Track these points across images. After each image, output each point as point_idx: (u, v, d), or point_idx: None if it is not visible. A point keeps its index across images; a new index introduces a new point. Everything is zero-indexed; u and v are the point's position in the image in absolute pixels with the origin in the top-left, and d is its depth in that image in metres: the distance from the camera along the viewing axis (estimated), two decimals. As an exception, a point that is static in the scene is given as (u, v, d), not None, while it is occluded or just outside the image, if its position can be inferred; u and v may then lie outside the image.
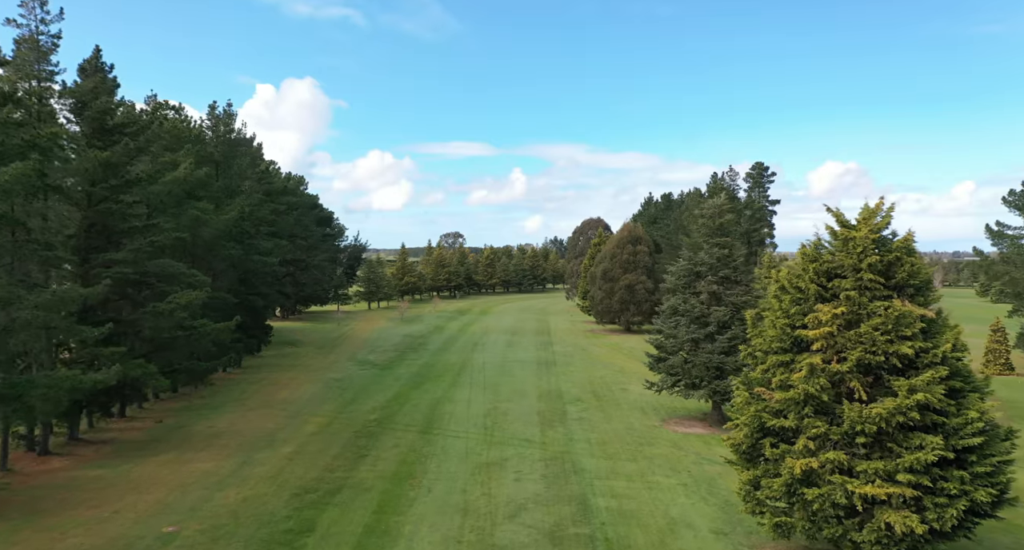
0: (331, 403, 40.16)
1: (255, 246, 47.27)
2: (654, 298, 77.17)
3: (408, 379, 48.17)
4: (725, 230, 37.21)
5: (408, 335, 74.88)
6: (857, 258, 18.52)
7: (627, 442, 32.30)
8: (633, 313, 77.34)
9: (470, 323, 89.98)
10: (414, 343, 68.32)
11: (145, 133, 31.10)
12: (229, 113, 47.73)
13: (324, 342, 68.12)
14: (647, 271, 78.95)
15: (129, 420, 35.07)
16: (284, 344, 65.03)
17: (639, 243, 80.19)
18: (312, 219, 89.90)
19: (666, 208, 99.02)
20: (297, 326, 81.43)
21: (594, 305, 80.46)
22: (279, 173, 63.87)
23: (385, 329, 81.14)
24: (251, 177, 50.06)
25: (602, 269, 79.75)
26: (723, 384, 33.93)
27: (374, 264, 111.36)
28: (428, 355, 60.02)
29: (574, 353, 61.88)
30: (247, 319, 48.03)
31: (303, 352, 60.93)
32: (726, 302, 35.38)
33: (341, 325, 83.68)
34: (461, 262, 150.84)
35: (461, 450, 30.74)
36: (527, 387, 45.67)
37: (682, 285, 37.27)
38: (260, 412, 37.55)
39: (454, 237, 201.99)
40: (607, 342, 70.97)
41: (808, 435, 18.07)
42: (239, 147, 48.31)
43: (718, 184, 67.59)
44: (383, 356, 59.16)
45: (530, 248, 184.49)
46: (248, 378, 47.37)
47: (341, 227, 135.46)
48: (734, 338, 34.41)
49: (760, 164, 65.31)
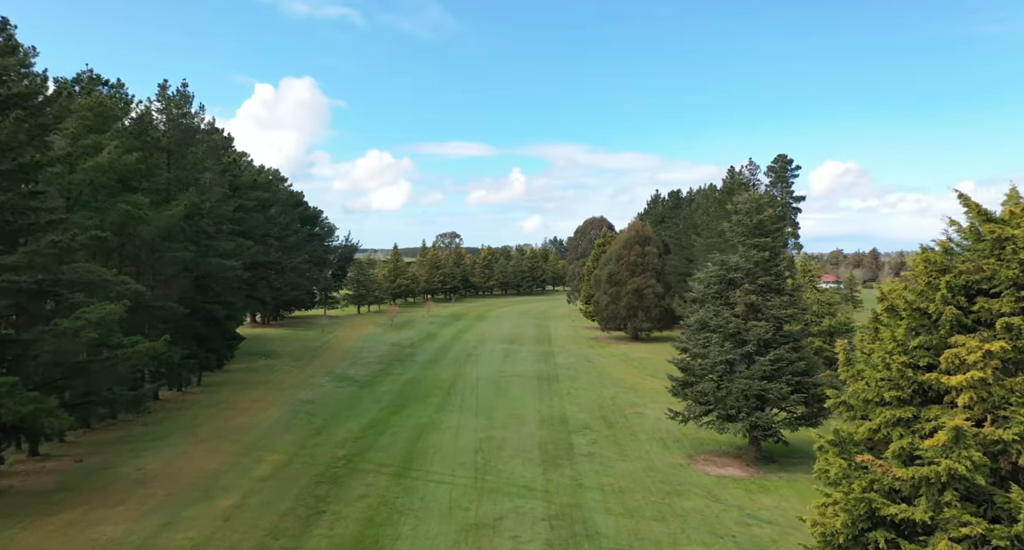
0: (295, 432, 33.98)
1: (214, 247, 41.09)
2: (664, 304, 71.27)
3: (390, 400, 42.00)
4: (764, 229, 31.11)
5: (396, 344, 68.69)
6: (1021, 267, 12.45)
7: (650, 490, 26.16)
8: (642, 320, 71.26)
9: (465, 329, 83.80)
10: (402, 353, 62.12)
11: (52, 106, 24.92)
12: (184, 94, 41.51)
13: (302, 352, 61.90)
14: (656, 274, 72.87)
15: (42, 460, 28.85)
16: (257, 355, 58.83)
17: (648, 244, 74.11)
18: (294, 217, 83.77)
19: (674, 206, 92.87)
20: (276, 333, 75.20)
21: (599, 311, 74.36)
22: (250, 166, 57.68)
23: (372, 336, 74.93)
24: (212, 169, 43.86)
25: (607, 272, 73.66)
26: (765, 416, 27.84)
27: (364, 265, 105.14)
28: (416, 369, 53.84)
29: (578, 366, 55.73)
30: (205, 331, 41.88)
31: (277, 365, 54.71)
32: (767, 316, 29.29)
33: (325, 332, 77.48)
34: (457, 263, 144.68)
35: (444, 502, 24.59)
36: (526, 410, 39.54)
37: (712, 294, 31.15)
38: (208, 445, 31.36)
39: (450, 237, 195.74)
40: (614, 352, 64.84)
41: (952, 535, 11.99)
42: (195, 134, 42.11)
43: (736, 179, 61.58)
44: (365, 370, 52.97)
45: (529, 249, 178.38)
46: (205, 399, 41.17)
47: (331, 226, 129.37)
48: (778, 360, 28.33)
49: (783, 157, 59.35)
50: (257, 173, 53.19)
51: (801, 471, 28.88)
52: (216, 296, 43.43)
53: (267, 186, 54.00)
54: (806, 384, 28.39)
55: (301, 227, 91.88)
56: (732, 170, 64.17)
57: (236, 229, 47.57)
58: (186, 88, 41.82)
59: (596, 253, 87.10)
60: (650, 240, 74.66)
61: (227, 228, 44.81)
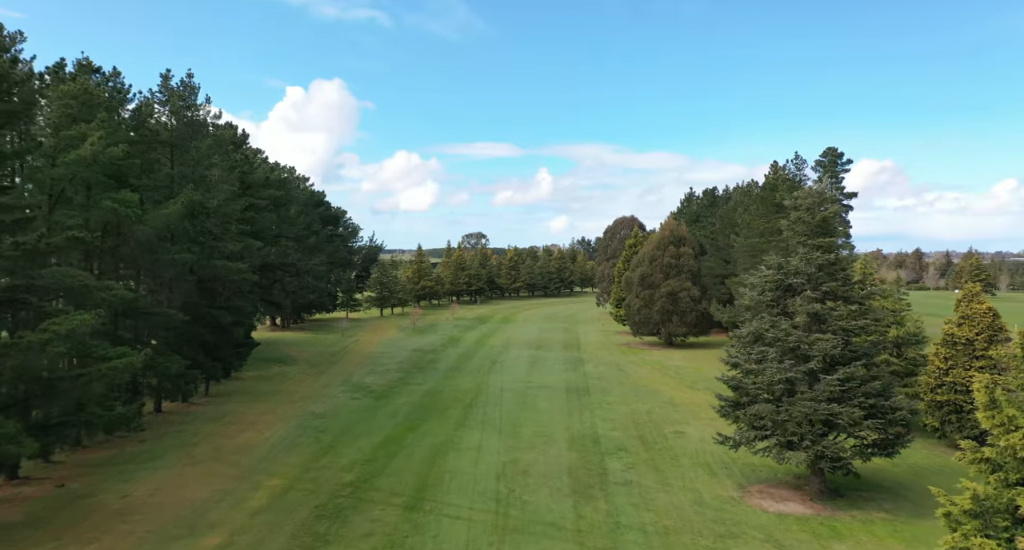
0: (300, 453, 30.94)
1: (220, 248, 38.36)
2: (700, 308, 67.10)
3: (406, 414, 38.82)
4: (828, 227, 27.12)
5: (418, 349, 65.65)
6: None
7: (700, 531, 22.47)
8: (676, 325, 67.15)
9: (490, 334, 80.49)
10: (423, 360, 59.02)
11: (22, 89, 22.17)
12: (189, 85, 38.89)
13: (319, 358, 59.17)
14: (692, 276, 68.69)
15: (20, 484, 26.20)
16: (272, 361, 56.24)
17: (683, 244, 69.96)
18: (314, 218, 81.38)
19: (710, 205, 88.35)
20: (295, 338, 72.74)
21: (630, 315, 70.42)
22: (264, 163, 55.07)
23: (393, 341, 72.03)
24: (219, 165, 41.20)
25: (640, 274, 69.70)
26: (833, 445, 23.92)
27: (387, 267, 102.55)
28: (436, 377, 50.64)
29: (610, 376, 51.97)
30: (211, 338, 39.20)
31: (291, 373, 51.99)
32: (833, 327, 25.34)
33: (345, 336, 74.84)
34: (483, 264, 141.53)
35: (460, 544, 21.23)
36: (554, 428, 36.01)
37: (767, 302, 27.28)
38: (203, 468, 28.46)
39: (476, 238, 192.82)
40: (647, 360, 60.90)
41: None
42: (201, 129, 39.46)
43: (780, 174, 57.19)
44: (383, 379, 49.93)
45: (556, 249, 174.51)
46: (210, 412, 38.46)
47: (355, 227, 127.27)
48: (848, 379, 24.39)
49: (832, 150, 54.79)
50: (270, 170, 50.53)
51: (875, 508, 24.90)
52: (224, 301, 40.76)
53: (281, 184, 51.32)
54: (882, 407, 24.40)
55: (322, 228, 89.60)
56: (776, 165, 59.75)
57: (246, 229, 44.89)
58: (191, 79, 39.19)
59: (627, 254, 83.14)
60: (685, 240, 70.51)
61: (236, 228, 42.12)
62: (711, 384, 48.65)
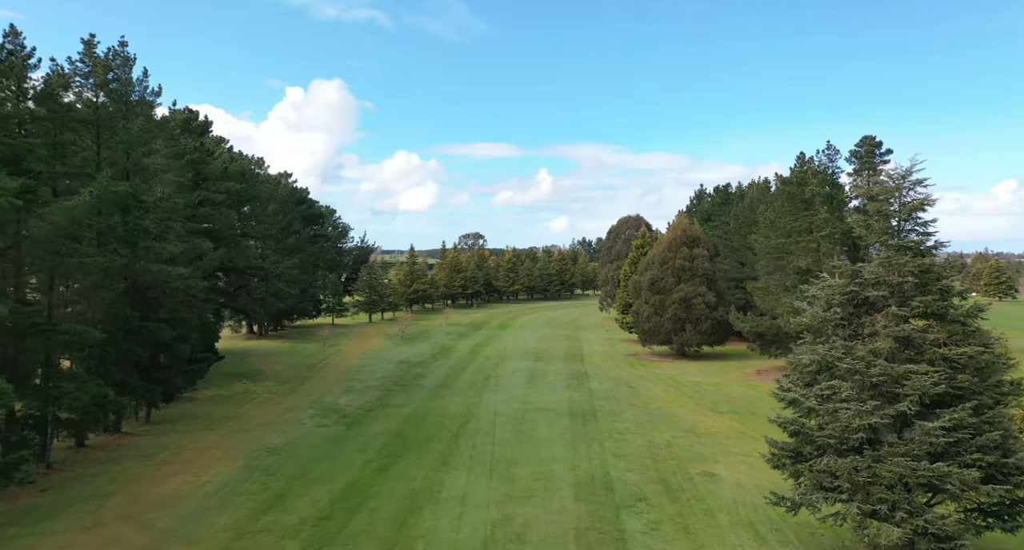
0: (238, 508, 24.60)
1: (158, 250, 32.03)
2: (716, 315, 60.83)
3: (380, 448, 32.50)
4: (920, 225, 20.73)
5: (404, 361, 59.32)
6: None
7: (763, 646, 16.13)
8: (690, 334, 60.87)
9: (485, 342, 74.16)
10: (408, 375, 52.68)
11: None
12: (123, 56, 32.58)
13: (292, 373, 52.81)
14: (707, 280, 62.42)
15: None
16: (238, 377, 49.89)
17: (696, 245, 63.69)
18: (295, 216, 75.08)
19: (722, 203, 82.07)
20: (271, 347, 66.39)
21: (639, 323, 64.12)
22: (225, 153, 48.55)
23: (378, 351, 65.70)
24: (162, 152, 34.87)
25: (649, 278, 63.42)
26: (939, 520, 17.59)
27: (376, 269, 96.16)
28: (421, 397, 44.31)
29: (619, 394, 45.65)
30: (146, 357, 32.87)
31: (255, 391, 45.65)
32: (929, 356, 19.04)
33: (326, 345, 68.49)
34: (479, 266, 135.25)
35: None
36: (557, 467, 29.68)
37: (836, 321, 20.91)
38: (104, 534, 22.12)
39: (474, 238, 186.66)
40: (659, 374, 54.57)
41: None
42: (139, 107, 33.13)
43: (809, 167, 50.94)
44: (359, 399, 43.58)
45: (557, 251, 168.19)
46: (144, 446, 32.11)
47: (345, 227, 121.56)
48: (958, 427, 18.08)
49: (870, 139, 48.48)
50: (230, 160, 44.17)
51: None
52: (170, 311, 34.44)
53: (244, 177, 45.01)
54: (1006, 467, 18.08)
55: (304, 227, 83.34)
56: (802, 157, 53.47)
57: (197, 228, 38.58)
58: (124, 48, 32.87)
59: (634, 256, 76.86)
60: (699, 241, 64.24)
61: (183, 227, 35.77)
62: (735, 405, 42.43)
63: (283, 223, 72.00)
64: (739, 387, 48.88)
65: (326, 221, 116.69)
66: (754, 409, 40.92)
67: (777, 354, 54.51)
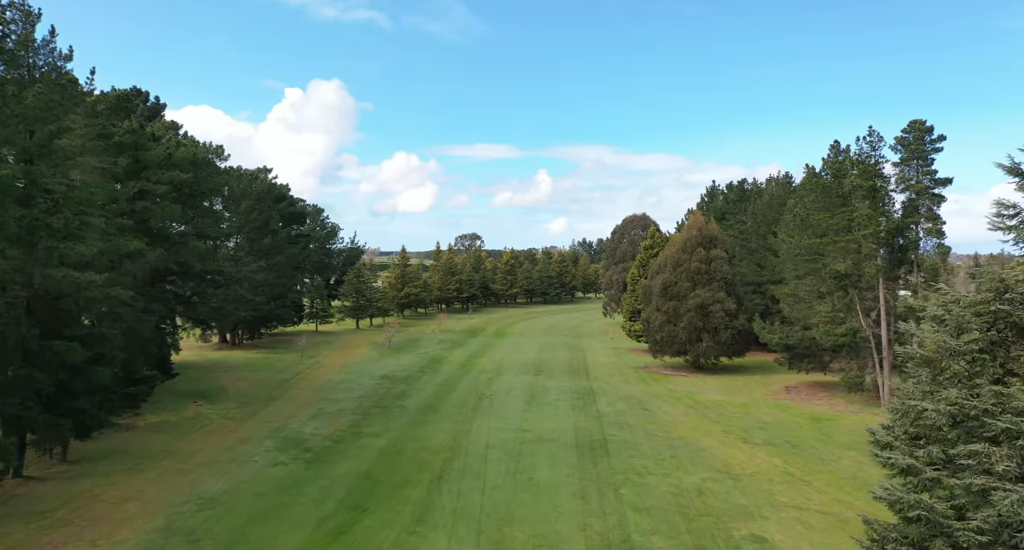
0: (133, 599, 18.21)
1: (62, 251, 25.62)
2: (736, 324, 54.52)
3: (343, 496, 26.11)
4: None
5: (388, 376, 52.90)
6: None
7: None
8: (708, 344, 54.52)
9: (479, 352, 67.80)
10: (390, 393, 46.29)
11: None
12: (24, 10, 26.25)
13: (258, 391, 46.37)
14: (726, 285, 56.10)
15: None
16: (194, 396, 43.47)
17: (714, 245, 57.40)
18: (272, 214, 68.66)
19: (738, 200, 75.70)
20: (242, 359, 59.97)
21: (650, 332, 57.77)
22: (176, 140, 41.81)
23: (361, 363, 59.29)
24: (81, 133, 28.48)
25: (661, 282, 57.08)
26: None
27: (363, 271, 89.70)
28: (402, 423, 37.94)
29: (633, 419, 39.28)
30: (50, 385, 26.44)
31: (209, 416, 39.22)
32: (1126, 408, 12.67)
33: (304, 357, 62.08)
34: (476, 268, 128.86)
35: None
36: (562, 527, 23.29)
37: (973, 354, 14.49)
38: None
39: (471, 239, 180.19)
40: (675, 392, 48.20)
41: None
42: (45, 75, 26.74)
43: (848, 158, 44.53)
44: (329, 426, 37.18)
45: (557, 252, 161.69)
46: (46, 495, 25.69)
47: (334, 227, 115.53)
48: None
49: (919, 123, 42.17)
50: (175, 146, 37.50)
51: None
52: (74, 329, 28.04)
53: (193, 166, 38.18)
54: None
55: (283, 226, 76.95)
56: (837, 147, 47.06)
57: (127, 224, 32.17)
58: (24, 3, 26.48)
59: (642, 258, 70.58)
60: (717, 241, 57.92)
61: (103, 222, 29.36)
62: (771, 433, 36.08)
63: (258, 222, 65.66)
64: (769, 409, 42.53)
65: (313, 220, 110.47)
66: (795, 440, 34.58)
67: (809, 369, 48.17)
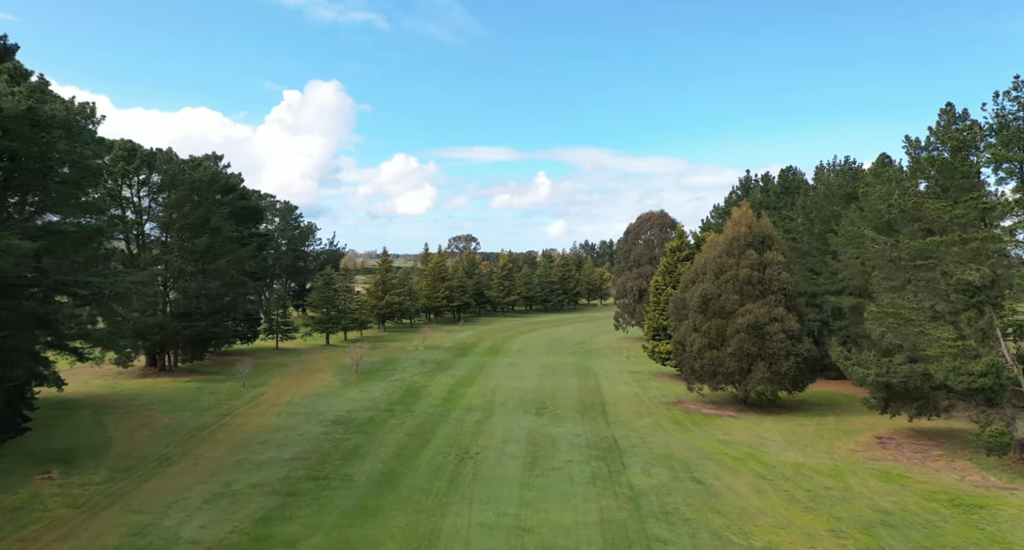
0: None
1: None
2: (800, 349, 41.90)
3: None
4: None
5: (342, 419, 40.01)
6: None
7: None
8: (762, 375, 41.75)
9: (468, 379, 54.96)
10: (337, 451, 33.37)
11: None
12: None
13: (152, 448, 33.41)
14: (786, 299, 43.31)
15: None
16: (52, 458, 30.53)
17: (768, 247, 44.72)
18: (211, 208, 55.79)
19: (783, 192, 62.91)
20: (164, 391, 47.05)
21: (686, 357, 44.97)
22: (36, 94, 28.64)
23: (314, 397, 46.38)
24: None
25: (700, 293, 44.26)
26: None
27: (334, 278, 76.68)
28: (338, 512, 25.02)
29: (684, 504, 26.38)
30: None
31: (49, 501, 26.24)
32: None
33: (246, 386, 49.21)
34: (469, 273, 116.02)
35: None
36: None
37: None
38: None
39: (465, 240, 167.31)
40: (729, 444, 35.37)
41: None
42: None
43: (973, 125, 31.93)
44: (226, 521, 24.22)
45: (559, 255, 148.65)
46: None
47: (310, 226, 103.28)
48: None
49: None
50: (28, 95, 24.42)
51: None
52: None
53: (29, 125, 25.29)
54: None
55: (238, 224, 64.15)
56: (951, 111, 34.36)
57: None
58: None
59: (668, 262, 57.82)
60: (772, 241, 45.21)
61: None
62: (904, 539, 23.28)
63: (193, 217, 52.81)
64: (875, 480, 29.70)
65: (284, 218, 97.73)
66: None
67: (913, 414, 35.34)
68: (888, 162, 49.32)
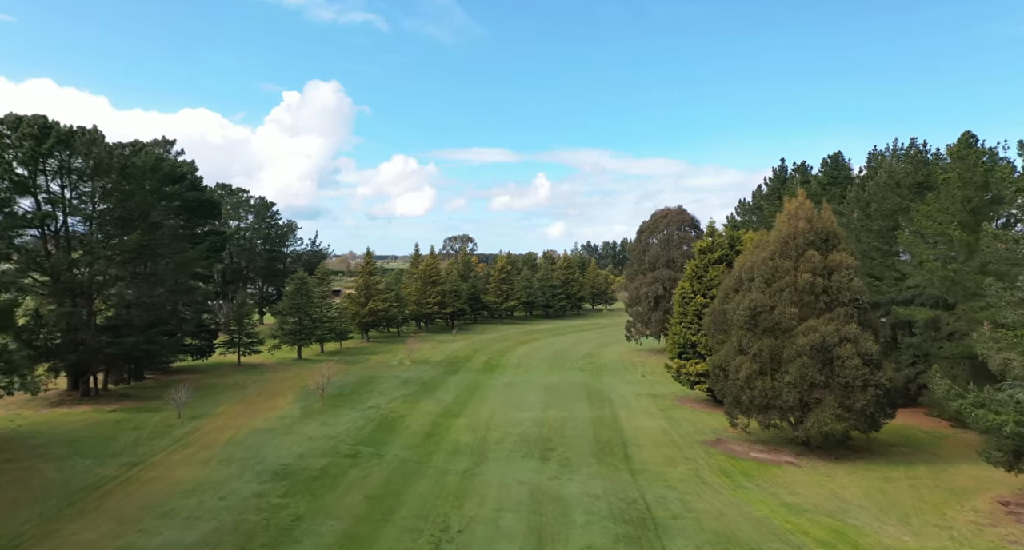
0: None
1: None
2: (878, 378, 32.63)
3: None
4: None
5: (286, 471, 30.59)
6: None
7: None
8: (831, 410, 32.37)
9: (456, 407, 45.58)
10: (274, 519, 24.01)
11: None
12: None
13: (4, 523, 24.05)
14: (859, 312, 33.99)
15: None
16: None
17: (833, 247, 35.48)
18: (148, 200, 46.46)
19: (830, 183, 53.55)
20: (76, 425, 37.73)
21: (730, 385, 35.66)
22: None
23: (259, 436, 36.98)
24: None
25: (748, 305, 34.91)
26: None
27: (309, 283, 67.20)
28: None
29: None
30: None
31: None
32: None
33: (181, 418, 39.90)
34: (464, 276, 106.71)
35: None
36: None
37: None
38: None
39: (462, 241, 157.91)
40: (800, 512, 25.97)
41: None
42: None
43: None
44: None
45: (561, 257, 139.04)
46: None
47: (289, 225, 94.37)
48: None
49: None
50: None
51: None
52: None
53: None
54: None
55: (189, 219, 54.83)
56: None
57: None
58: None
59: (696, 265, 48.50)
60: (837, 239, 35.91)
61: None
62: None
63: (123, 210, 43.51)
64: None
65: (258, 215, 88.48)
66: None
67: (1055, 474, 25.99)
68: (973, 143, 40.31)
